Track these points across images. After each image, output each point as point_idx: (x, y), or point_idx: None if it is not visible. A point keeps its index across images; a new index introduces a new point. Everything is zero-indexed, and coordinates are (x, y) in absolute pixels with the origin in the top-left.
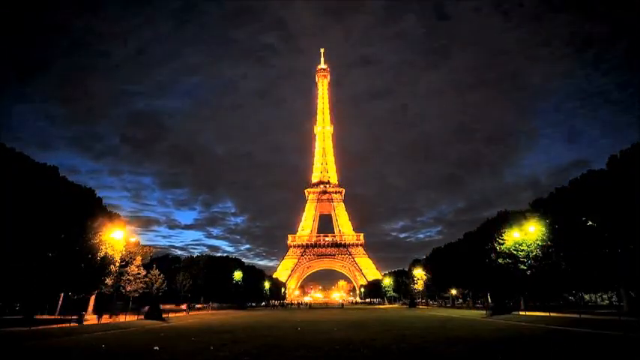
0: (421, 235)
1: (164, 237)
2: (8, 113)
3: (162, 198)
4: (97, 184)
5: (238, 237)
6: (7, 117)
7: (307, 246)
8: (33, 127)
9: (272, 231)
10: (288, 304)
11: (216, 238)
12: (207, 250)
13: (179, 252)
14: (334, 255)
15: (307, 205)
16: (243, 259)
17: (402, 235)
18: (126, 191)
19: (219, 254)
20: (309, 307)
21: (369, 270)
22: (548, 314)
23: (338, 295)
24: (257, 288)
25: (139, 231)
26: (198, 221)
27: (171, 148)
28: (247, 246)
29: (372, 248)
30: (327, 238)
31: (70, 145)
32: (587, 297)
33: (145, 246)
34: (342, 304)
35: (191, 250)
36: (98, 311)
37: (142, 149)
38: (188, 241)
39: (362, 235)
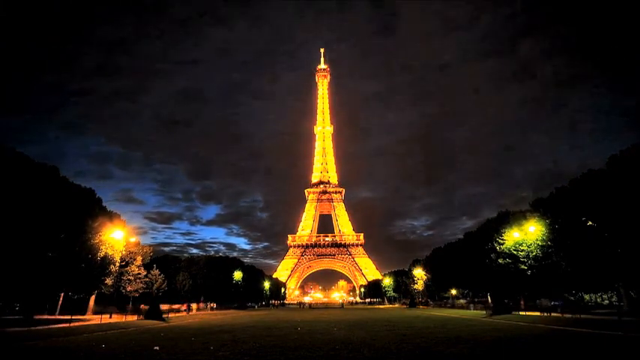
0: (448, 232)
1: (182, 234)
2: (36, 86)
3: (189, 190)
4: (125, 175)
5: (259, 234)
6: (36, 92)
7: (307, 246)
8: (66, 102)
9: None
10: (288, 304)
11: (237, 235)
12: (223, 248)
13: (194, 250)
14: (334, 255)
15: (307, 205)
16: (259, 258)
17: (427, 234)
18: (154, 182)
19: (235, 253)
20: (309, 307)
21: (369, 270)
22: (548, 314)
23: (338, 295)
24: (257, 288)
25: (160, 227)
26: (221, 217)
27: (210, 131)
28: (265, 244)
29: (392, 246)
30: (327, 238)
31: (102, 125)
32: (587, 297)
33: (145, 246)
34: (342, 304)
35: (207, 249)
36: (98, 311)
37: (178, 132)
38: (207, 238)
39: (362, 235)
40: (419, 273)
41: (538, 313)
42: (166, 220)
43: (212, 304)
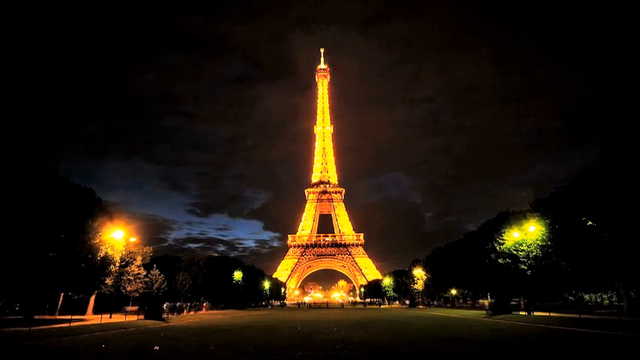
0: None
1: (217, 229)
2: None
3: (239, 174)
4: (174, 156)
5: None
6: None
7: (307, 246)
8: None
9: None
10: (288, 304)
11: (271, 230)
12: (253, 244)
13: (222, 247)
14: (334, 255)
15: (307, 205)
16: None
17: (473, 228)
18: (202, 166)
19: (265, 250)
20: (309, 307)
21: (369, 270)
22: (548, 314)
23: (338, 295)
24: (257, 288)
25: (196, 222)
26: (263, 208)
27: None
28: None
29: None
30: (327, 238)
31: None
32: (587, 297)
33: (145, 246)
34: (342, 304)
35: (237, 246)
36: (98, 311)
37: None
38: (241, 234)
39: (362, 235)
40: (419, 273)
41: (538, 313)
42: (206, 212)
43: (212, 304)
